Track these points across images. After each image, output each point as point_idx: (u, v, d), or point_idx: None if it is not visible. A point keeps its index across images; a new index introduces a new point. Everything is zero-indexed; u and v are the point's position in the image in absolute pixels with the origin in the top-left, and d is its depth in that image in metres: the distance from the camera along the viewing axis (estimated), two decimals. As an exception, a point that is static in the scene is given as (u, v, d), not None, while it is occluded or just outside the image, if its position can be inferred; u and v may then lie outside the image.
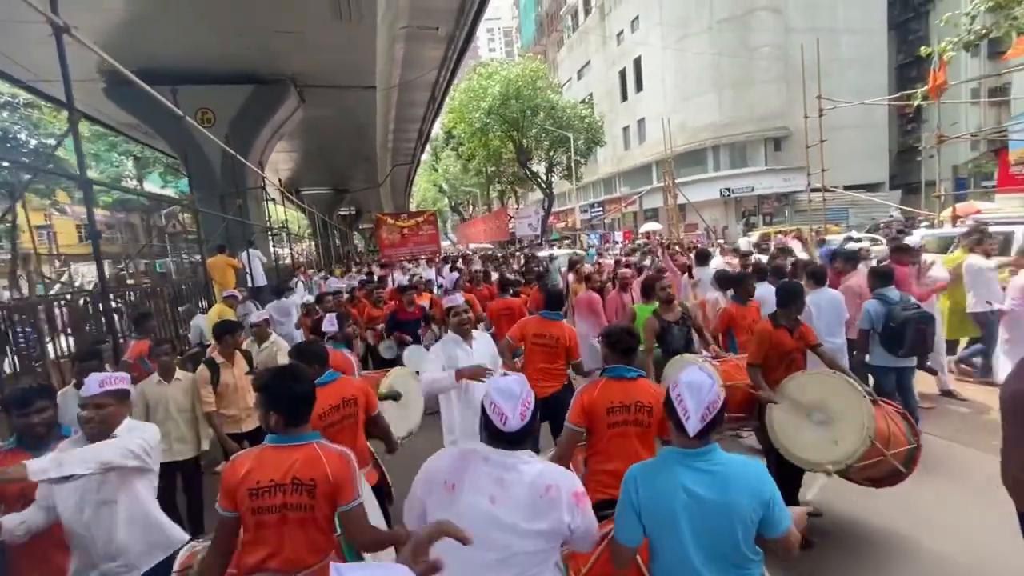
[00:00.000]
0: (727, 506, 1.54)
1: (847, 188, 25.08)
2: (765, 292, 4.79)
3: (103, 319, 4.59)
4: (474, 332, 3.55)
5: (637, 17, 30.33)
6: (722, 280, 5.15)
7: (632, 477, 1.64)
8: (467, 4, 11.77)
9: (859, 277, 4.93)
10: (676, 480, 1.57)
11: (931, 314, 4.02)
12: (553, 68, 42.34)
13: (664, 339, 4.08)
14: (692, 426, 1.56)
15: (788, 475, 3.05)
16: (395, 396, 3.73)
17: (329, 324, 3.95)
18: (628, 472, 1.66)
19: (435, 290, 8.68)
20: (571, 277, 8.34)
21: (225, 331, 4.01)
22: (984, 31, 8.86)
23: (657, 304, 4.44)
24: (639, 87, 31.37)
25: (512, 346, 3.97)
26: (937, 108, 11.21)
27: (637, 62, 31.01)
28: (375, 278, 11.02)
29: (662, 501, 1.57)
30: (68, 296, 5.18)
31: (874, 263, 5.66)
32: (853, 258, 5.28)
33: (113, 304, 5.27)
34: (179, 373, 3.73)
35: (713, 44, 25.89)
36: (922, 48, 10.67)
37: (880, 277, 4.23)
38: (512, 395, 1.64)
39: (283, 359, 4.24)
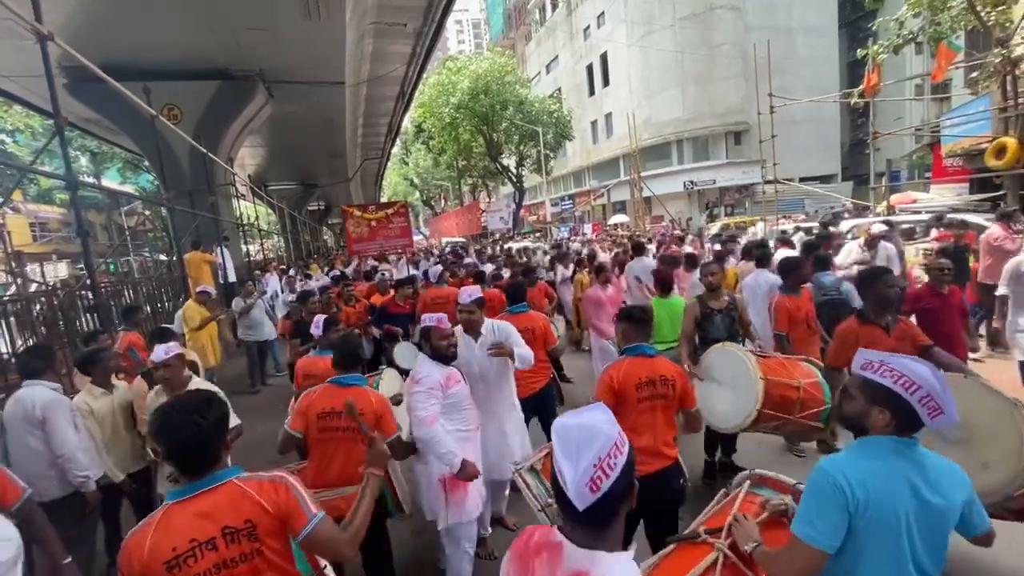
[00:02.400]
0: (947, 505, 1.37)
1: (803, 180, 26.31)
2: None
3: (92, 314, 4.76)
4: (486, 323, 3.36)
5: (603, 13, 30.86)
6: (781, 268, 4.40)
7: (842, 472, 1.36)
8: (435, 1, 11.98)
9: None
10: (901, 474, 1.36)
11: (844, 300, 4.25)
12: (522, 62, 42.56)
13: (704, 327, 3.78)
14: (942, 420, 1.34)
15: None
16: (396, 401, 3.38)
17: (314, 328, 3.65)
18: (833, 466, 1.39)
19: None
20: (563, 270, 7.95)
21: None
22: (911, 35, 9.68)
23: (675, 294, 4.33)
24: (606, 82, 31.97)
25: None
26: (872, 105, 12.05)
27: (604, 57, 31.58)
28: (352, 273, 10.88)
29: (889, 500, 1.34)
30: (58, 293, 5.30)
31: None
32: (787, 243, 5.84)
33: (83, 301, 5.44)
34: (114, 380, 3.28)
35: (676, 41, 26.65)
36: (858, 51, 11.48)
37: (817, 262, 4.63)
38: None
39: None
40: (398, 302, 5.75)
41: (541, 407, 3.75)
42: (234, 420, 2.84)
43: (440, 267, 8.24)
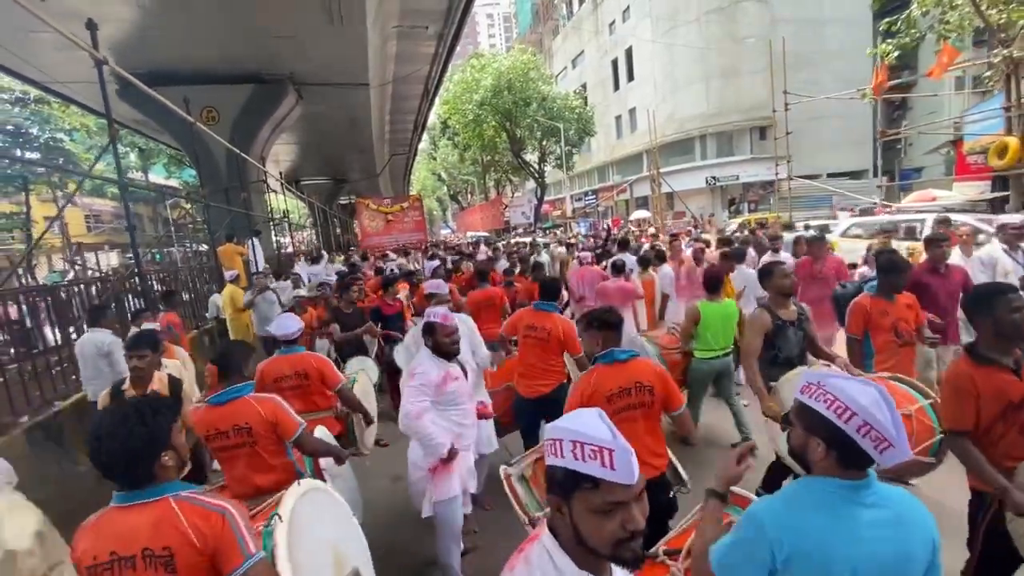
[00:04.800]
0: (907, 558, 1.16)
1: (831, 176, 25.82)
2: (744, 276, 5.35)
3: (139, 297, 5.53)
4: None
5: (628, 7, 30.77)
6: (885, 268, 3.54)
7: (776, 525, 1.19)
8: (454, 4, 12.50)
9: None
10: (845, 528, 1.16)
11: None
12: (548, 56, 42.74)
13: (776, 343, 3.12)
14: (894, 455, 1.13)
15: None
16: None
17: (289, 325, 3.46)
18: (767, 515, 1.22)
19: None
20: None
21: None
22: (917, 34, 9.63)
23: (725, 298, 4.02)
24: (631, 77, 31.89)
25: (506, 339, 3.91)
26: (877, 104, 11.91)
27: (628, 52, 31.50)
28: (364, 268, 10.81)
29: (828, 560, 1.14)
30: (111, 279, 6.12)
31: None
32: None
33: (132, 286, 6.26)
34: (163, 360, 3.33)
35: (701, 35, 26.42)
36: (867, 50, 11.41)
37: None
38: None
39: None
40: (388, 302, 5.56)
41: (551, 410, 3.40)
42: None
43: (436, 263, 8.52)
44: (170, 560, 1.31)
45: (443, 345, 2.70)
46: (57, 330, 5.05)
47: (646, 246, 8.77)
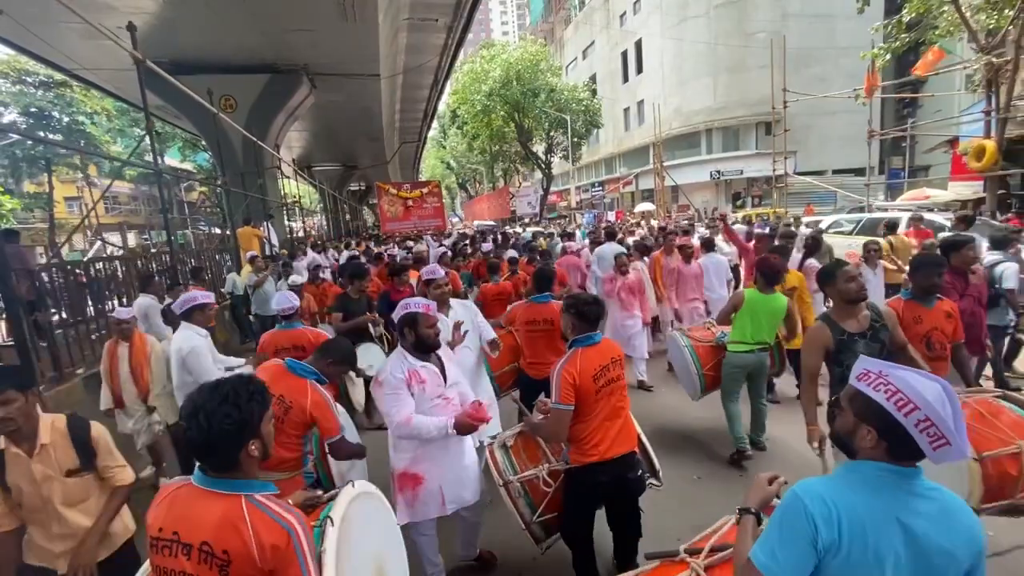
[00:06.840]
0: (948, 554, 1.11)
1: (836, 172, 25.95)
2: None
3: (165, 274, 6.12)
4: (452, 300, 3.47)
5: (639, -1, 30.84)
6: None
7: (816, 501, 1.13)
8: (463, -3, 12.88)
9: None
10: (889, 513, 1.12)
11: None
12: (560, 46, 42.78)
13: (840, 359, 2.60)
14: (948, 453, 1.09)
15: None
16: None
17: (285, 301, 3.66)
18: (806, 493, 1.15)
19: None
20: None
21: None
22: (908, 40, 9.89)
23: (771, 292, 3.67)
24: (639, 69, 31.97)
25: (505, 325, 3.88)
26: (875, 103, 12.18)
27: (638, 44, 31.56)
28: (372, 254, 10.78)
29: (869, 544, 1.10)
30: (145, 256, 6.69)
31: None
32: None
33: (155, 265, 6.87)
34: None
35: (711, 28, 26.46)
36: (860, 54, 11.66)
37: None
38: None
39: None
40: (398, 288, 5.30)
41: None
42: None
43: (442, 249, 8.43)
44: (225, 566, 1.24)
45: (428, 337, 2.47)
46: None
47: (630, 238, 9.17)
